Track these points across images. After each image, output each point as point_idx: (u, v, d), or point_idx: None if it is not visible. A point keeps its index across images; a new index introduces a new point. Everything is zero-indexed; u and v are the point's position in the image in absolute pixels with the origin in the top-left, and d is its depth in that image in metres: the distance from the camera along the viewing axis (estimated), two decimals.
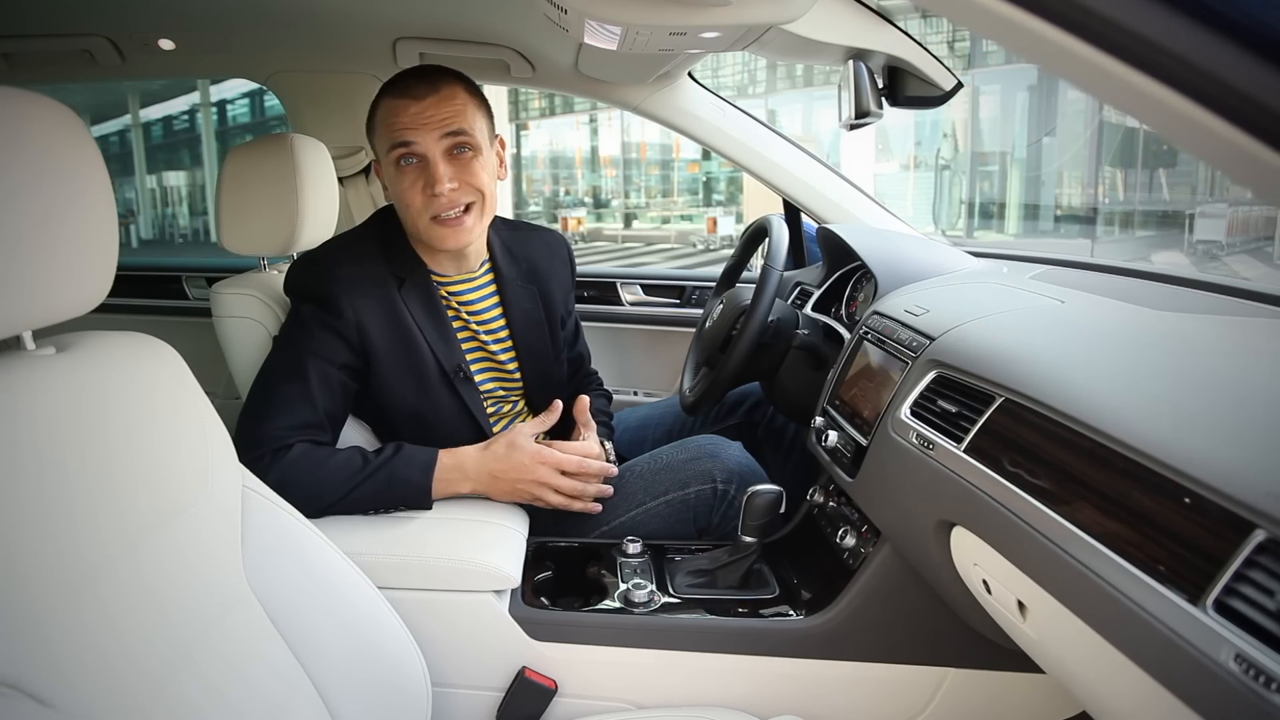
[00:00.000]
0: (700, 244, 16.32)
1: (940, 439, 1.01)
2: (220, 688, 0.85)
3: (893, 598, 1.19)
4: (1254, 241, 12.60)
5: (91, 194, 0.79)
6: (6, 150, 0.70)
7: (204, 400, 0.97)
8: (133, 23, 1.82)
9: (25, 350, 0.81)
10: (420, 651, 1.07)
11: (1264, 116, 0.48)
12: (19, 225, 0.71)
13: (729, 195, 18.73)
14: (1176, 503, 0.69)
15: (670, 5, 0.99)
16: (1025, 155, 14.82)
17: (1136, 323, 1.06)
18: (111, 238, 0.83)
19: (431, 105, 1.32)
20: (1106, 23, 0.50)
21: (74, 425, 0.78)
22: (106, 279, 0.83)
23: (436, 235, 1.37)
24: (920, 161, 15.86)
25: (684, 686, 1.20)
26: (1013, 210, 14.72)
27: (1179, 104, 0.50)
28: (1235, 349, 0.92)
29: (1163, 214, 14.05)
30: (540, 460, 1.33)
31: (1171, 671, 0.66)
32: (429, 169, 1.33)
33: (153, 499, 0.85)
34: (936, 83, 1.39)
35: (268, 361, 1.36)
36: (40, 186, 0.73)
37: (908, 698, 1.20)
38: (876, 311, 1.35)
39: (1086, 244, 13.13)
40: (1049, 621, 0.86)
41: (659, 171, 20.79)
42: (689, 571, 1.32)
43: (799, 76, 17.12)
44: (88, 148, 0.79)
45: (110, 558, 0.77)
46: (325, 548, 1.03)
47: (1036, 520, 0.82)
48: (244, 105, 18.79)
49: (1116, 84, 0.52)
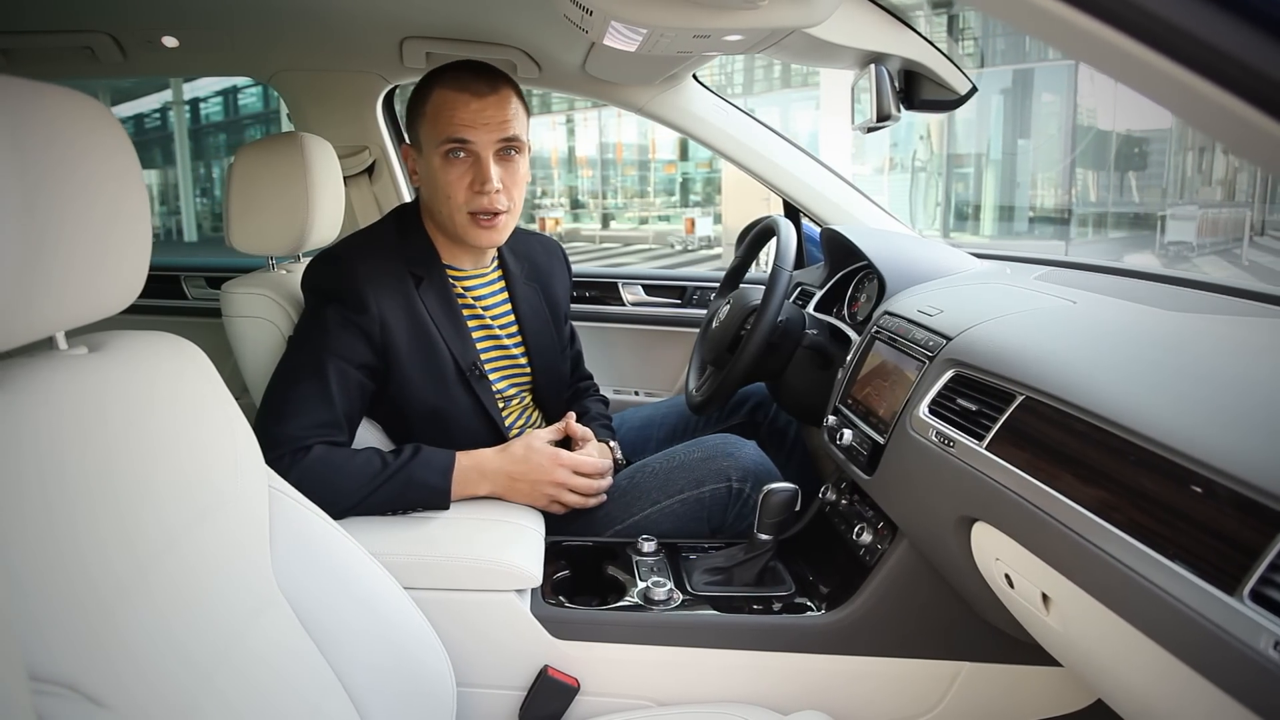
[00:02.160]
0: (679, 244, 16.33)
1: (961, 436, 1.03)
2: (258, 689, 0.85)
3: (909, 593, 1.20)
4: (1223, 243, 12.87)
5: (128, 193, 0.79)
6: (47, 148, 0.70)
7: (231, 400, 0.97)
8: (136, 19, 1.81)
9: (58, 350, 0.81)
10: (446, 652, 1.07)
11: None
12: (59, 226, 0.70)
13: (705, 196, 18.77)
14: (1207, 496, 0.71)
15: (697, 8, 1.00)
16: (1000, 157, 15.01)
17: (1150, 322, 1.09)
18: (145, 236, 0.82)
19: (492, 105, 1.34)
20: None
21: (112, 425, 0.78)
22: (140, 278, 0.82)
23: (473, 232, 1.39)
24: (896, 163, 16.01)
25: (704, 683, 1.21)
26: (988, 212, 14.91)
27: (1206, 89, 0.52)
28: (1253, 347, 0.95)
29: (1134, 216, 14.30)
30: (558, 462, 1.34)
31: (1209, 660, 0.67)
32: (479, 166, 1.35)
33: (189, 499, 0.85)
34: (952, 86, 1.41)
35: (284, 361, 1.35)
36: (79, 186, 0.73)
37: (924, 692, 1.22)
38: (888, 312, 1.37)
39: (1060, 245, 13.33)
40: (1075, 613, 0.88)
41: (636, 172, 20.80)
42: (705, 569, 1.33)
43: (776, 78, 17.19)
44: (125, 146, 0.79)
45: (155, 557, 0.77)
46: (352, 548, 1.03)
47: (1063, 515, 0.83)
48: (218, 104, 18.58)
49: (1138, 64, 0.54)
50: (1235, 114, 0.53)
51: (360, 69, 1.96)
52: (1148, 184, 14.51)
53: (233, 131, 18.99)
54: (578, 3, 1.07)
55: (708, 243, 15.57)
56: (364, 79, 1.97)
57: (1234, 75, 0.52)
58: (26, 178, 0.64)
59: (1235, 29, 0.52)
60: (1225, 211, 13.18)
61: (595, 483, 1.39)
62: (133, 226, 0.80)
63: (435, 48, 1.86)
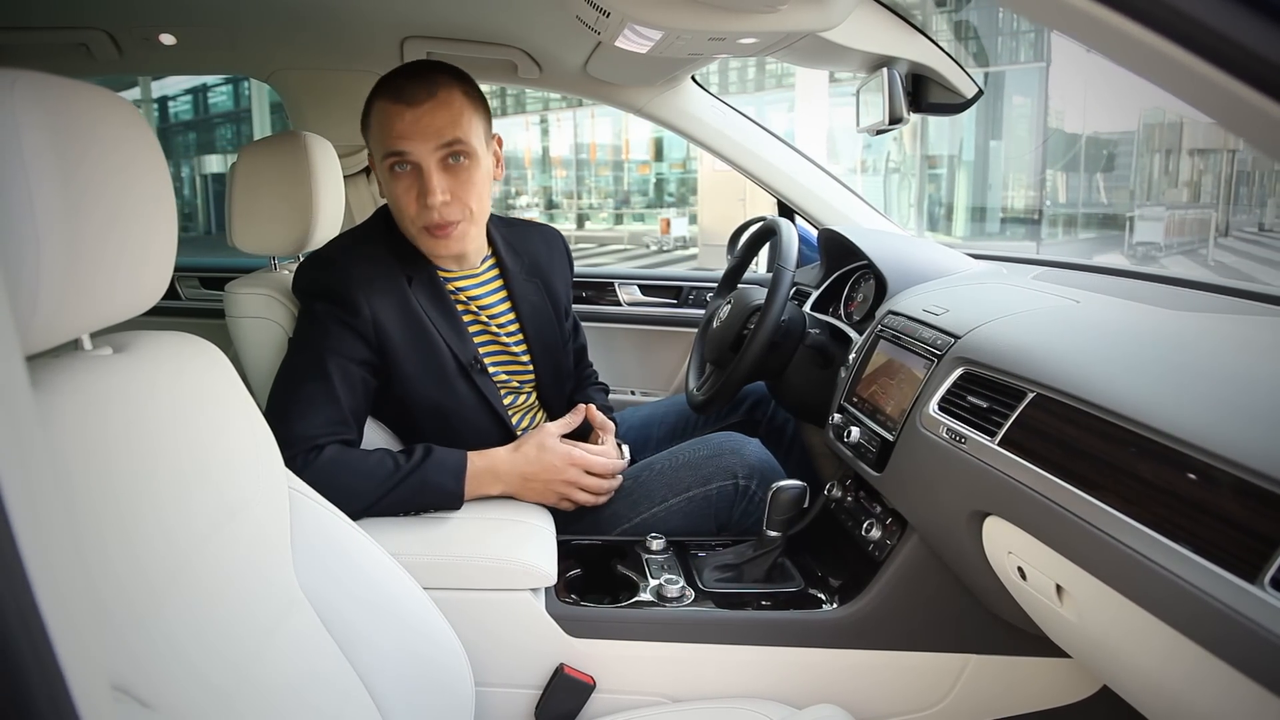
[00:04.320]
0: (654, 245, 16.36)
1: (972, 433, 1.05)
2: (289, 690, 0.85)
3: (918, 588, 1.23)
4: (1190, 244, 13.14)
5: (157, 193, 0.78)
6: (85, 149, 0.69)
7: (250, 400, 0.97)
8: (134, 16, 1.78)
9: (84, 350, 0.80)
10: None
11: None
12: (96, 226, 0.70)
13: (680, 197, 18.81)
14: (1223, 488, 0.73)
15: (717, 11, 1.01)
16: (973, 158, 15.20)
17: (1154, 321, 1.11)
18: (171, 237, 0.82)
19: (427, 113, 1.29)
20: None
21: (142, 426, 0.77)
22: (164, 278, 0.82)
23: (427, 244, 1.37)
24: (869, 165, 16.14)
25: (718, 678, 1.22)
26: (960, 213, 15.10)
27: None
28: (1257, 344, 0.97)
29: (1103, 216, 14.56)
30: (570, 461, 1.34)
31: (1232, 646, 0.70)
32: (423, 179, 1.31)
33: (219, 499, 0.85)
34: (959, 90, 1.44)
35: (287, 363, 1.34)
36: (114, 186, 0.72)
37: (933, 684, 1.24)
38: (892, 311, 1.40)
39: (1032, 246, 13.53)
40: (1090, 604, 0.90)
41: (610, 172, 20.81)
42: (716, 566, 1.34)
43: (750, 80, 17.28)
44: (154, 146, 0.79)
45: (188, 557, 0.77)
46: (373, 549, 1.03)
47: (1079, 508, 0.86)
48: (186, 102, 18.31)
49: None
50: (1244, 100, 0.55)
51: (361, 68, 1.94)
52: (1116, 185, 14.78)
53: (202, 130, 18.73)
54: (594, 4, 1.08)
55: (683, 243, 15.61)
56: (363, 78, 1.93)
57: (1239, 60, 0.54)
58: (68, 180, 0.64)
59: (1239, 14, 0.54)
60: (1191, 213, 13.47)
61: (607, 482, 1.40)
62: (160, 226, 0.80)
63: (436, 48, 1.85)
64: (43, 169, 0.62)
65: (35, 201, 0.61)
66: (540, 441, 1.34)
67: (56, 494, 0.47)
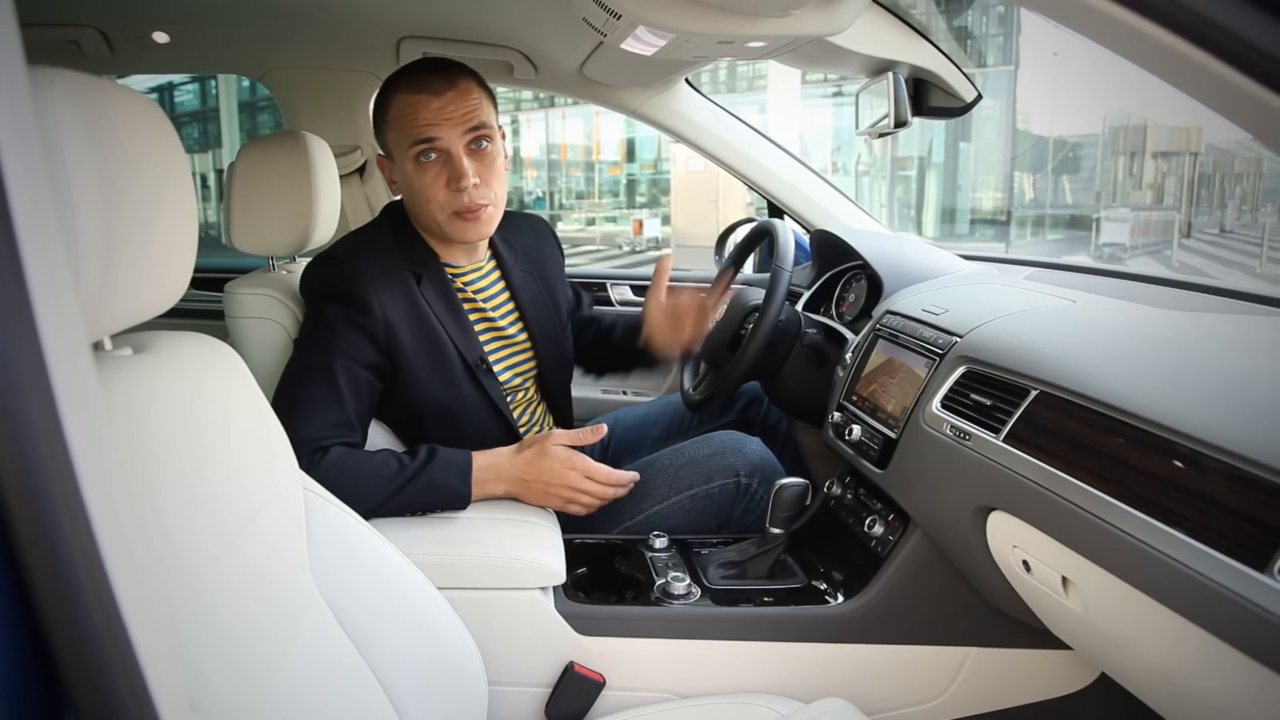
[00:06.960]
0: (626, 245, 16.35)
1: (976, 430, 1.07)
2: (312, 690, 0.85)
3: (921, 582, 1.25)
4: (1155, 245, 13.42)
5: (181, 195, 0.78)
6: (117, 150, 0.69)
7: (265, 402, 0.97)
8: (126, 13, 1.75)
9: (105, 351, 0.79)
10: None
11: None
12: (121, 226, 0.70)
13: (651, 197, 18.84)
14: (1231, 481, 0.76)
15: (728, 15, 1.03)
16: (943, 160, 15.39)
17: (1149, 320, 1.14)
18: (192, 236, 0.81)
19: (452, 100, 1.33)
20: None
21: (166, 427, 0.77)
22: (184, 279, 0.81)
23: (459, 229, 1.38)
24: (839, 167, 16.29)
25: (725, 674, 1.23)
26: (930, 214, 15.28)
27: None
28: (1253, 342, 1.01)
29: (1070, 218, 14.82)
30: (571, 466, 1.34)
31: (1243, 634, 0.72)
32: (453, 164, 1.34)
33: (241, 500, 0.84)
34: (959, 94, 1.47)
35: (292, 365, 1.34)
36: (143, 187, 0.72)
37: (935, 677, 1.27)
38: (890, 310, 1.42)
39: (1001, 247, 13.74)
40: (1097, 595, 0.93)
41: (581, 173, 20.79)
42: (719, 564, 1.35)
43: (722, 82, 17.35)
44: (178, 147, 0.78)
45: (214, 558, 0.77)
46: (387, 550, 1.03)
47: (1086, 501, 0.88)
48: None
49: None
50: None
51: (356, 68, 1.94)
52: (1082, 187, 15.06)
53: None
54: (603, 6, 1.09)
55: (655, 244, 15.63)
56: (358, 78, 1.95)
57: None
58: (105, 180, 0.64)
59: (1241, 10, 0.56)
60: (1156, 214, 13.76)
61: (608, 490, 1.39)
62: (183, 228, 0.79)
63: (432, 48, 1.85)
64: (82, 170, 0.61)
65: (75, 201, 0.61)
66: (541, 447, 1.34)
67: (125, 494, 0.48)
